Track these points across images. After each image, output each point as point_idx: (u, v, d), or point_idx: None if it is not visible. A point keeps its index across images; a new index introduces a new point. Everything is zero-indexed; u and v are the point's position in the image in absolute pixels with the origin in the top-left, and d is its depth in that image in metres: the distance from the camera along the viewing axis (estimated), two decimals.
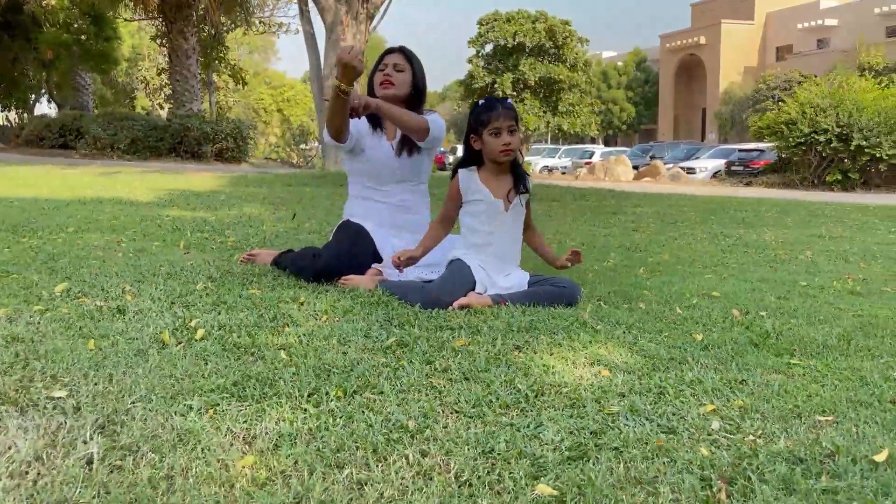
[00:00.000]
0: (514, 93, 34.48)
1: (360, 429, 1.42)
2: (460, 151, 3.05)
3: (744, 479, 1.28)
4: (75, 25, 23.08)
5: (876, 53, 33.13)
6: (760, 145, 20.17)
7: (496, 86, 34.79)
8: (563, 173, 26.69)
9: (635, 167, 20.71)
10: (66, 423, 1.38)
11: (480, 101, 2.79)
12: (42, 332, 1.96)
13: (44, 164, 13.53)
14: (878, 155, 13.95)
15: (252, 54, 44.56)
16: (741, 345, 2.17)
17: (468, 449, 1.36)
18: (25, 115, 34.90)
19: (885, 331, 2.43)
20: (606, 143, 45.19)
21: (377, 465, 1.28)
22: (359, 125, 3.13)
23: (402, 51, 3.14)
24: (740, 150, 21.50)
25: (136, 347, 1.87)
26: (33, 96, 36.88)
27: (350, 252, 2.95)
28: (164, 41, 21.63)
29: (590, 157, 27.15)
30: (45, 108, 41.16)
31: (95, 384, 1.59)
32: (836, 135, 14.04)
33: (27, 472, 1.19)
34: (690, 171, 21.01)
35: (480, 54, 37.85)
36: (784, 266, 3.90)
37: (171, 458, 1.26)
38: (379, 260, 3.07)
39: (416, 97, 3.11)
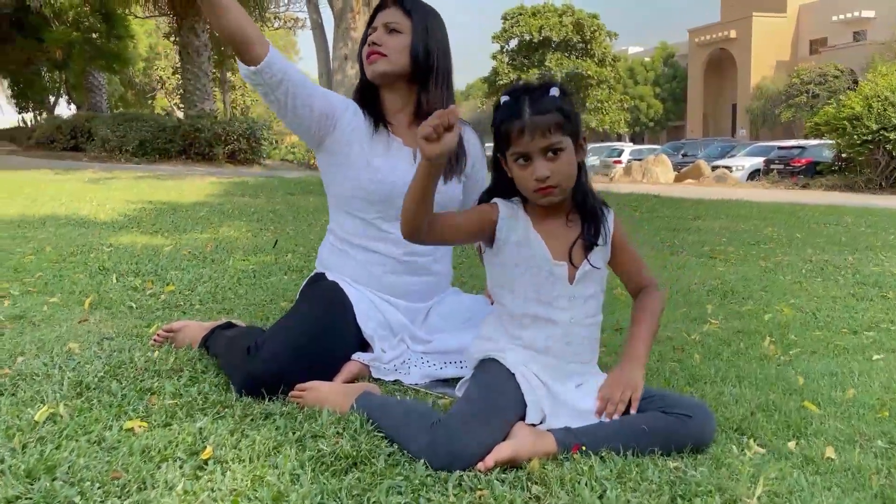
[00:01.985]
0: None
1: None
2: (488, 151, 1.87)
3: None
4: (86, 23, 22.25)
5: None
6: (802, 142, 18.62)
7: (521, 83, 33.64)
8: (595, 174, 25.42)
9: (676, 167, 19.31)
10: None
11: (503, 98, 1.61)
12: None
13: (39, 169, 12.61)
14: None
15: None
16: None
17: None
18: (43, 115, 34.32)
19: None
20: (633, 141, 43.52)
21: None
22: (338, 105, 1.98)
23: (400, 3, 1.97)
24: (780, 148, 19.88)
25: None
26: (52, 98, 36.29)
27: (313, 340, 1.77)
28: (176, 38, 20.64)
29: (618, 156, 25.72)
30: (64, 109, 40.70)
31: None
32: None
33: None
34: (726, 169, 19.46)
35: (505, 50, 36.59)
36: None
37: None
38: (364, 346, 1.91)
39: (418, 72, 1.95)
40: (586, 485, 1.31)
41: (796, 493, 1.29)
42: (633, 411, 1.53)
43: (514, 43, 37.35)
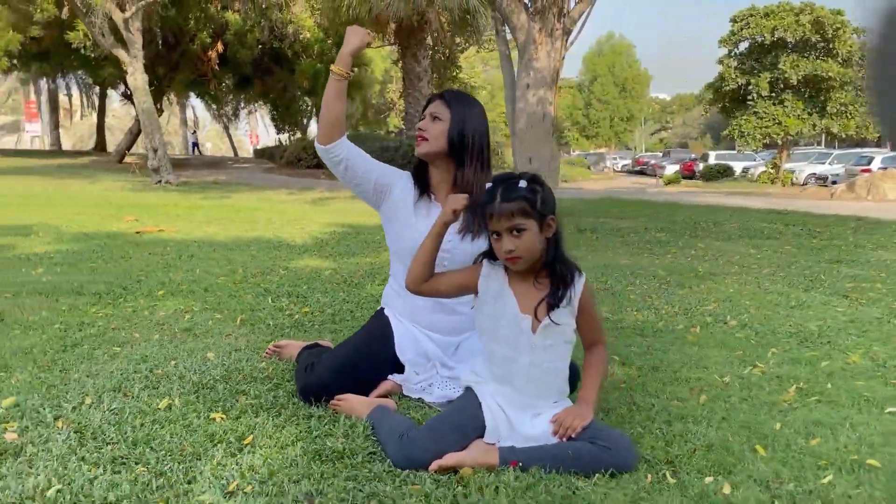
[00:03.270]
0: (773, 94, 31.14)
1: None
2: (713, 158, 2.28)
3: None
4: (328, 56, 25.01)
5: None
6: None
7: (750, 87, 31.69)
8: (834, 183, 23.40)
9: None
10: None
11: (487, 185, 2.04)
12: None
13: (276, 189, 14.61)
14: None
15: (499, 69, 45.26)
16: None
17: None
18: (296, 136, 38.88)
19: None
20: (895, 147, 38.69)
21: None
22: (392, 177, 2.53)
23: (443, 97, 2.48)
24: None
25: None
26: (305, 120, 40.99)
27: (353, 365, 2.34)
28: (400, 64, 22.55)
29: (867, 164, 23.40)
30: (315, 130, 45.44)
31: None
32: None
33: None
34: None
35: (733, 54, 34.71)
36: None
37: None
38: (402, 368, 2.44)
39: (457, 153, 2.44)
40: (496, 490, 1.73)
41: None
42: (573, 435, 1.91)
43: (743, 46, 35.24)
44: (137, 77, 15.15)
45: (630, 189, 26.82)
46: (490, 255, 2.08)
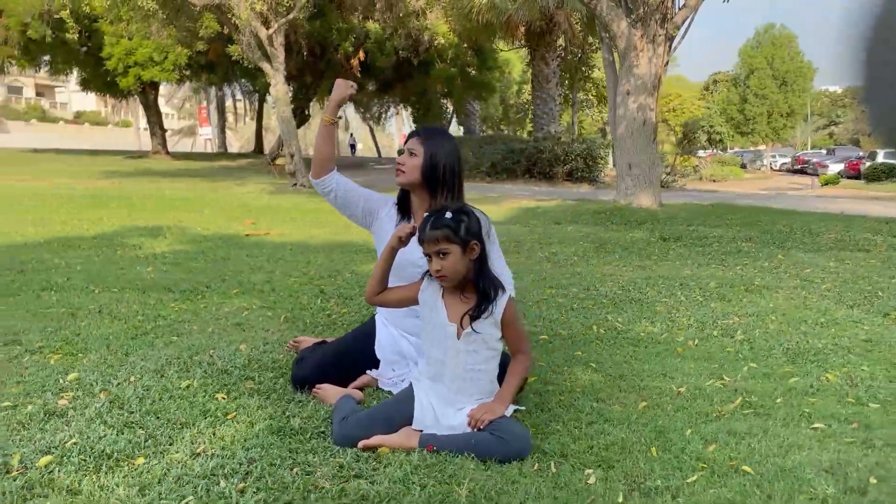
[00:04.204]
0: None
1: None
2: (881, 157, 2.60)
3: None
4: (462, 59, 25.79)
5: None
6: None
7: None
8: None
9: None
10: None
11: (424, 215, 2.43)
12: None
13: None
14: None
15: None
16: None
17: None
18: None
19: None
20: None
21: None
22: (377, 203, 2.96)
23: (420, 133, 2.87)
24: None
25: None
26: (444, 122, 42.24)
27: (336, 359, 2.80)
28: (529, 67, 22.86)
29: None
30: (455, 129, 46.59)
31: None
32: None
33: None
34: None
35: None
36: None
37: None
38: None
39: (430, 181, 2.83)
40: (399, 467, 2.12)
41: (503, 488, 1.94)
42: (482, 427, 2.26)
43: None
44: (279, 88, 16.50)
45: (775, 191, 25.49)
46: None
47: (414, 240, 2.46)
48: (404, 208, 2.93)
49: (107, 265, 5.50)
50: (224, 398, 2.65)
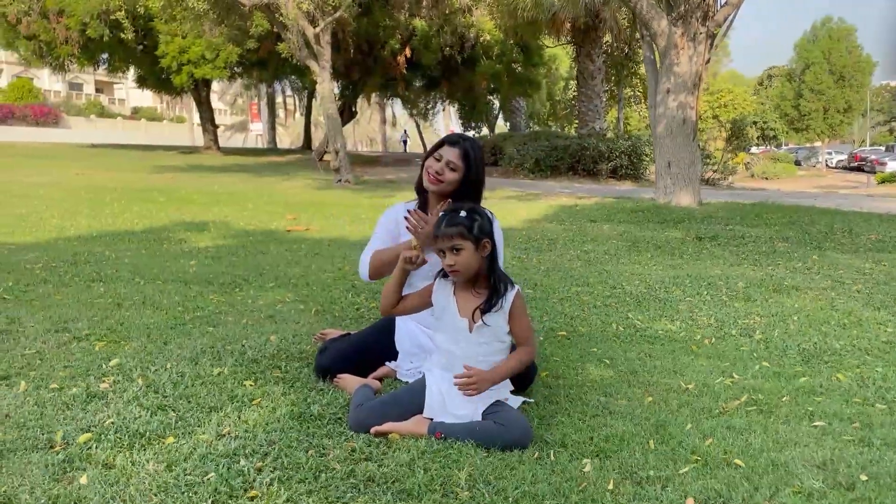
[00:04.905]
0: None
1: None
2: None
3: None
4: (507, 56, 25.81)
5: None
6: None
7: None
8: None
9: None
10: None
11: (440, 213, 2.56)
12: None
13: None
14: None
15: None
16: None
17: None
18: (482, 132, 40.31)
19: None
20: None
21: None
22: (394, 230, 3.08)
23: (461, 147, 2.97)
24: None
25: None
26: (491, 118, 42.32)
27: (357, 351, 2.96)
28: (575, 63, 22.76)
29: None
30: (502, 126, 46.54)
31: None
32: None
33: None
34: None
35: None
36: None
37: None
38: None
39: (462, 191, 2.96)
40: (406, 451, 2.27)
41: (501, 473, 2.07)
42: (470, 393, 2.37)
43: None
44: (325, 86, 16.82)
45: (826, 189, 24.87)
46: (444, 272, 2.61)
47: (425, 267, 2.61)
48: (422, 205, 3.06)
49: (153, 258, 5.78)
50: (251, 385, 2.83)
